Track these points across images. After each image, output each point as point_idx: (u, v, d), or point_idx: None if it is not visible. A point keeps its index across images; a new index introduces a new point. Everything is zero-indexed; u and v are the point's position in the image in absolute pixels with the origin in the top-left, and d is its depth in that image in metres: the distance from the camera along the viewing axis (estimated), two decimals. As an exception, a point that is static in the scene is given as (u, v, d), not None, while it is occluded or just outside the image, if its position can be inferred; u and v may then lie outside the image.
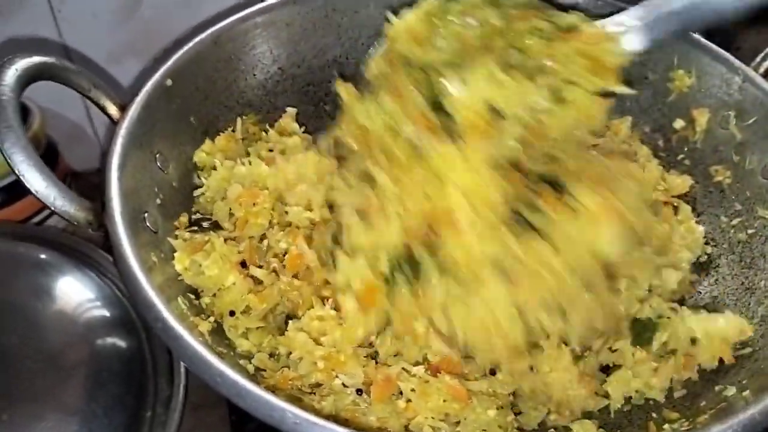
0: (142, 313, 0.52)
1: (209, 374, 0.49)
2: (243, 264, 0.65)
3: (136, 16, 0.98)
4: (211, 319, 0.62)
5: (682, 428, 0.57)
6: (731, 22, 0.73)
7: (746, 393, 0.57)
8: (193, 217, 0.70)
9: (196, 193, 0.72)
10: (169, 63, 0.73)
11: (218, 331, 0.63)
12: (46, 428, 0.63)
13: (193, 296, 0.64)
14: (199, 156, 0.74)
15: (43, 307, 0.71)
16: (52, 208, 0.58)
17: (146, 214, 0.64)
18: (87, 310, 0.72)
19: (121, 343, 0.70)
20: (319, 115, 0.88)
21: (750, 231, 0.72)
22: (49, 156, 0.87)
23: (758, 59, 0.76)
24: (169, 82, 0.72)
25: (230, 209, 0.69)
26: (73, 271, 0.75)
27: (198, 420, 0.74)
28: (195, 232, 0.68)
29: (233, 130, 0.78)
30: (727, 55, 0.77)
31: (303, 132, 0.83)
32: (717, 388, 0.61)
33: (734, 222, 0.74)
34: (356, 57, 0.89)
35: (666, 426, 0.58)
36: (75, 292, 0.73)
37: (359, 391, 0.59)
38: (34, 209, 0.86)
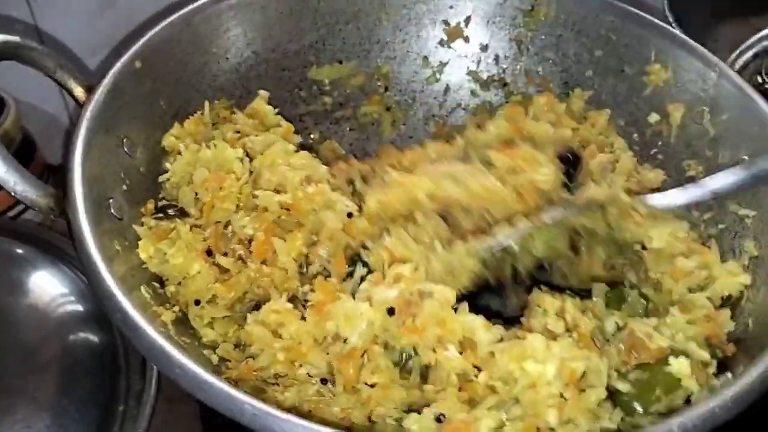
0: (101, 303, 0.51)
1: (168, 366, 0.48)
2: (209, 252, 0.65)
3: (114, 6, 0.96)
4: (176, 308, 0.61)
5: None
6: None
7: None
8: (159, 203, 0.68)
9: (162, 178, 0.70)
10: (139, 44, 0.71)
11: (183, 321, 0.62)
12: (18, 423, 0.63)
13: (158, 285, 0.63)
14: (168, 140, 0.73)
15: (17, 301, 0.70)
16: (12, 194, 0.57)
17: (111, 201, 0.63)
18: (60, 305, 0.71)
19: (94, 338, 0.70)
20: (293, 101, 0.87)
21: (721, 226, 0.72)
22: (25, 149, 0.84)
23: (733, 56, 0.75)
24: (138, 64, 0.71)
25: (196, 194, 0.68)
26: (48, 266, 0.74)
27: (170, 413, 0.73)
28: (161, 219, 0.67)
29: (203, 114, 0.76)
30: (704, 50, 0.77)
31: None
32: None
33: (705, 217, 0.74)
34: (333, 43, 0.88)
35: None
36: (49, 287, 0.72)
37: (324, 381, 0.59)
38: (9, 203, 0.84)
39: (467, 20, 0.89)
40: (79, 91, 0.68)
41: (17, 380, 0.65)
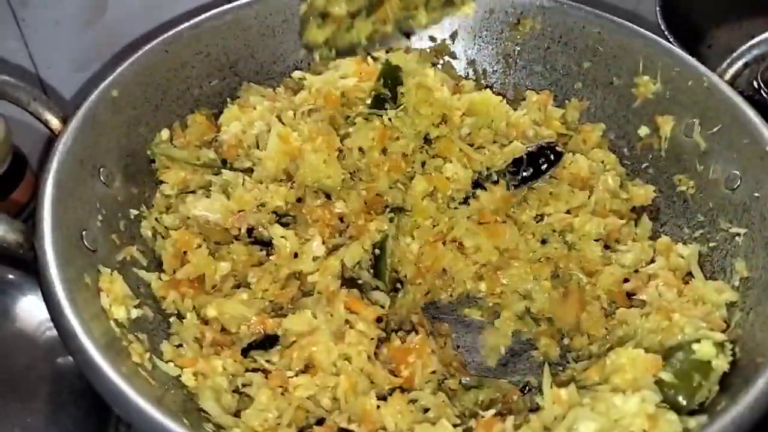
0: (64, 343, 0.51)
1: (126, 412, 0.47)
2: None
3: (101, 23, 0.96)
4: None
5: None
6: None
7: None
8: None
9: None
10: (115, 73, 0.71)
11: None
12: (7, 451, 0.62)
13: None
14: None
15: (4, 327, 0.70)
16: (-21, 230, 0.57)
17: (84, 233, 0.62)
18: (48, 328, 0.70)
19: None
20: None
21: (712, 244, 0.70)
22: (16, 168, 0.85)
23: (724, 65, 0.73)
24: (115, 92, 0.70)
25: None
26: (34, 291, 0.72)
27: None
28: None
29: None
30: (693, 60, 0.74)
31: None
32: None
33: (696, 234, 0.72)
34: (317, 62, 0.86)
35: None
36: (36, 312, 0.71)
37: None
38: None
39: (453, 35, 0.88)
40: (54, 123, 0.67)
41: (6, 407, 0.64)
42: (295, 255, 0.68)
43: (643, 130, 0.78)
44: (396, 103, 0.76)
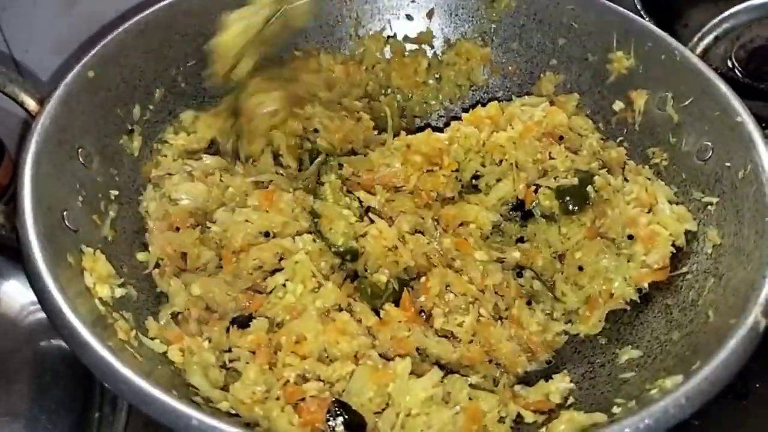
0: (50, 320, 0.51)
1: (114, 382, 0.48)
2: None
3: (78, 6, 0.95)
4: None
5: None
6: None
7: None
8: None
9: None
10: (91, 54, 0.70)
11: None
12: (-10, 434, 0.62)
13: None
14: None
15: (-15, 312, 0.69)
16: (-41, 212, 0.56)
17: (65, 213, 0.62)
18: (30, 313, 0.71)
19: (66, 346, 0.68)
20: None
21: (685, 213, 0.72)
22: None
23: (695, 39, 0.75)
24: (91, 73, 0.70)
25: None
26: (15, 274, 0.73)
27: (146, 419, 0.73)
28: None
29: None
30: (665, 35, 0.76)
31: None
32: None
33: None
34: (295, 40, 0.86)
35: None
36: (18, 296, 0.71)
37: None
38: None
39: (430, 13, 0.88)
40: (31, 104, 0.67)
41: (-12, 391, 0.64)
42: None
43: (618, 105, 0.80)
44: None
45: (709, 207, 0.69)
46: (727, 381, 0.51)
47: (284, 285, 0.66)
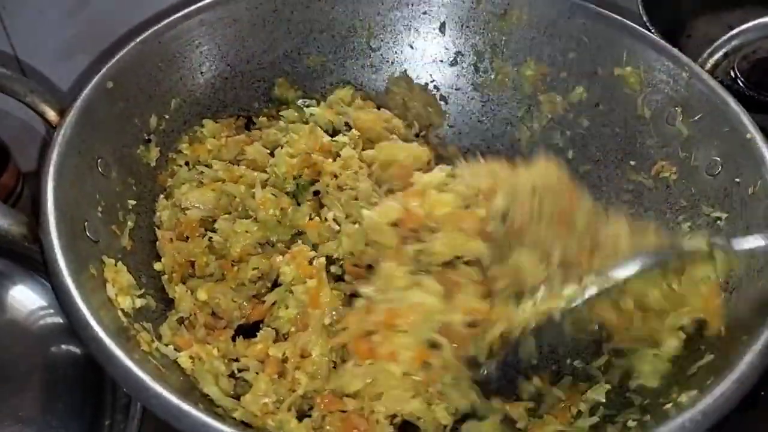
0: (76, 332, 0.52)
1: (145, 396, 0.48)
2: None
3: (85, 12, 0.95)
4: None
5: None
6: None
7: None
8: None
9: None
10: (110, 65, 0.71)
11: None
12: (1, 441, 0.62)
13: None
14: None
15: (-5, 317, 0.70)
16: (-18, 224, 0.57)
17: (86, 223, 0.63)
18: (40, 318, 0.71)
19: (77, 351, 0.69)
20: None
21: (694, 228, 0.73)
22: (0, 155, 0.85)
23: (705, 55, 0.76)
24: (110, 84, 0.71)
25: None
26: (25, 279, 0.73)
27: (158, 427, 0.73)
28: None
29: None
30: (674, 50, 0.77)
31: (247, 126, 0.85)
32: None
33: (679, 218, 0.75)
34: (307, 52, 0.88)
35: None
36: (27, 301, 0.72)
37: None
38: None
39: (442, 26, 0.89)
40: (51, 115, 0.67)
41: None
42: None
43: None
44: None
45: (718, 222, 0.70)
46: (742, 396, 0.52)
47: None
